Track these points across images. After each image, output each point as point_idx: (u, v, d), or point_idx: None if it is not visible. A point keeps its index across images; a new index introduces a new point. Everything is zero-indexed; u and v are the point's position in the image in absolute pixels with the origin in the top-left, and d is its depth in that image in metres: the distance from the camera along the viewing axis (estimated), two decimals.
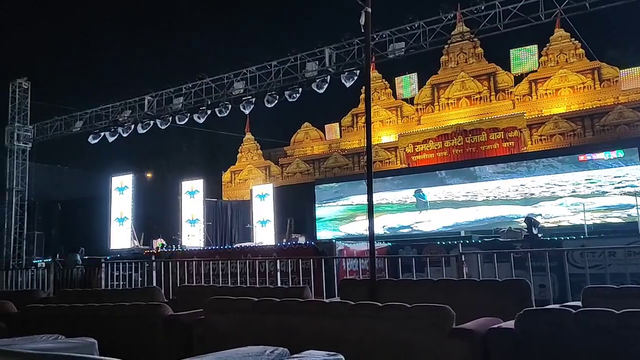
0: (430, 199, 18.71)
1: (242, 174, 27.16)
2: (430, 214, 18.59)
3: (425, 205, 18.82)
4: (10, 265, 18.18)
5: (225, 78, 15.72)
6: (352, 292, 5.21)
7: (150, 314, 4.37)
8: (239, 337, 3.65)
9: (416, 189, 19.29)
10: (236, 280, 9.56)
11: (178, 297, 6.41)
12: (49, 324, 4.57)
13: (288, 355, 2.39)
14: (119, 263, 11.69)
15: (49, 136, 19.70)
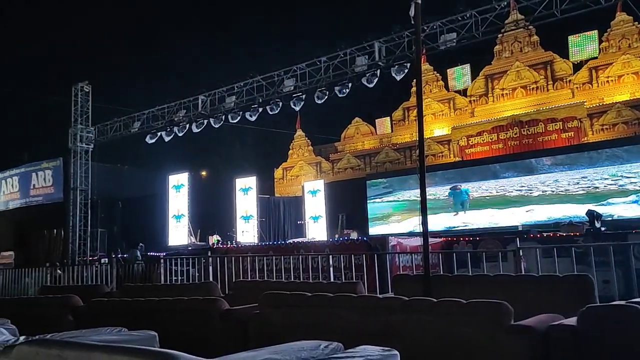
0: (481, 194, 18.18)
1: (294, 170, 27.39)
2: (469, 215, 17.95)
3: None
4: (76, 261, 19.08)
5: (276, 76, 15.86)
6: (405, 287, 5.16)
7: (207, 308, 4.48)
8: (293, 332, 3.69)
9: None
10: (289, 275, 9.64)
11: (233, 292, 6.55)
12: (113, 317, 4.77)
13: (342, 350, 2.39)
14: (177, 259, 12.02)
15: (109, 137, 20.49)
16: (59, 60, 36.95)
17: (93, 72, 26.11)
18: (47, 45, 39.29)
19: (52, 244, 23.18)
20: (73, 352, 2.32)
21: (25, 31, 38.31)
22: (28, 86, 32.01)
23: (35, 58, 37.02)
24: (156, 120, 18.78)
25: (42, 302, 6.36)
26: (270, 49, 31.94)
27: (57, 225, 22.79)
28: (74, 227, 20.75)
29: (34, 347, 2.51)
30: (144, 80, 33.00)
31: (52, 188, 23.40)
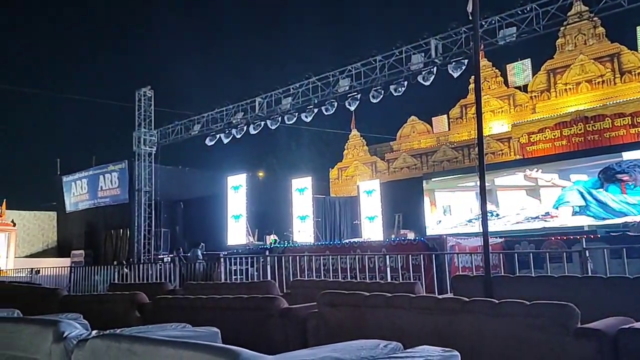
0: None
1: (349, 170, 27.41)
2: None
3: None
4: (141, 260, 19.85)
5: (331, 76, 15.91)
6: (465, 288, 5.07)
7: (267, 307, 4.55)
8: (351, 331, 3.71)
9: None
10: (346, 275, 9.66)
11: (291, 290, 6.62)
12: (177, 313, 4.94)
13: (401, 350, 2.38)
14: (236, 258, 12.28)
15: (171, 140, 21.20)
16: (123, 67, 38.59)
17: (155, 78, 27.12)
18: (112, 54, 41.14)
19: (119, 243, 24.22)
20: (142, 346, 2.42)
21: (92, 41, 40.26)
22: (95, 93, 33.64)
23: (101, 66, 38.84)
24: (215, 122, 19.25)
25: (111, 298, 6.65)
26: (325, 49, 32.17)
27: (123, 226, 23.80)
28: (138, 227, 21.61)
29: (106, 341, 2.64)
30: (203, 84, 34.00)
31: (118, 190, 24.43)
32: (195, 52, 38.78)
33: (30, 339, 3.00)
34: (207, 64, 37.52)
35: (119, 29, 43.83)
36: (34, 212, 28.04)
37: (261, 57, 37.43)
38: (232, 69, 38.15)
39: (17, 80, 34.47)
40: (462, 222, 19.17)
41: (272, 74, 29.50)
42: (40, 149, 33.76)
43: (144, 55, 42.10)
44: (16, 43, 39.24)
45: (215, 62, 39.22)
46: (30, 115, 35.14)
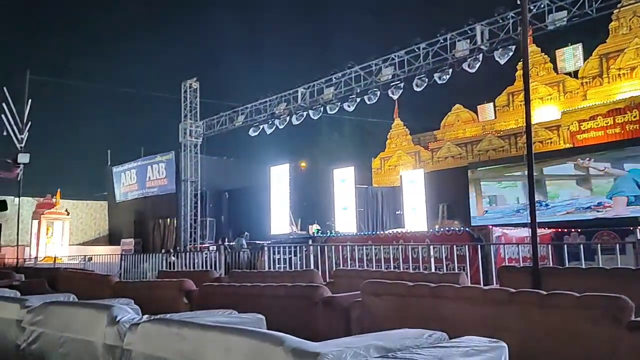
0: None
1: (392, 160, 27.19)
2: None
3: None
4: (188, 248, 20.35)
5: (374, 65, 15.78)
6: (511, 279, 4.98)
7: (310, 295, 4.60)
8: (394, 320, 3.70)
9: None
10: (389, 265, 9.63)
11: (334, 280, 6.66)
12: (222, 300, 5.05)
13: (446, 340, 2.37)
14: (279, 247, 12.42)
15: (216, 131, 21.55)
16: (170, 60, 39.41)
17: (201, 70, 27.57)
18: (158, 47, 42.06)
19: (167, 232, 24.90)
20: (191, 331, 2.50)
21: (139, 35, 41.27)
22: (143, 85, 34.51)
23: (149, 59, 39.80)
24: (259, 113, 19.45)
25: (160, 285, 6.87)
26: (367, 38, 31.91)
27: (171, 215, 24.44)
28: (185, 217, 22.14)
29: (156, 325, 2.74)
30: (247, 76, 34.32)
31: (165, 180, 25.07)
32: (239, 43, 39.20)
33: (86, 322, 3.14)
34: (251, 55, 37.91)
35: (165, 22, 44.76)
36: (86, 202, 29.14)
37: (304, 48, 37.49)
38: (276, 59, 38.39)
39: (71, 74, 35.71)
40: (508, 213, 18.74)
41: (314, 64, 29.52)
42: (91, 140, 34.96)
43: (189, 47, 42.84)
44: (69, 38, 40.64)
45: (259, 53, 39.56)
46: (83, 108, 36.37)
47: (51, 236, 23.97)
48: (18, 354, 3.66)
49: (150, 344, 2.67)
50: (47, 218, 24.04)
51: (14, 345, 3.73)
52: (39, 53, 35.78)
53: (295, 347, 2.03)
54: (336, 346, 2.04)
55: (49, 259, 20.69)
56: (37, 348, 3.49)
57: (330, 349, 1.99)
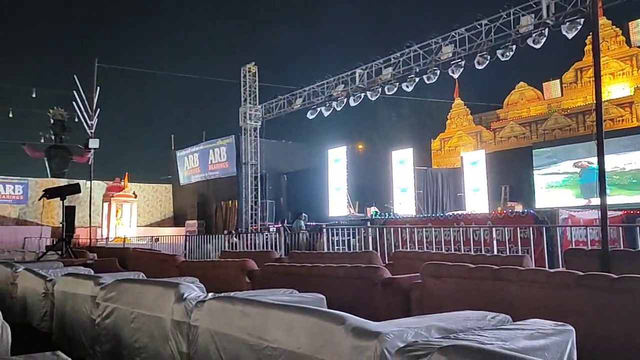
0: None
1: (452, 140, 26.62)
2: None
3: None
4: (249, 229, 20.83)
5: (433, 43, 15.41)
6: (579, 262, 4.80)
7: (370, 276, 4.61)
8: (455, 302, 3.66)
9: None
10: (449, 247, 9.49)
11: (394, 261, 6.64)
12: (283, 279, 5.15)
13: (510, 322, 2.32)
14: (337, 229, 12.49)
15: (274, 114, 21.79)
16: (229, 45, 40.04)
17: (259, 54, 27.90)
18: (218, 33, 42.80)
19: (229, 214, 25.56)
20: (254, 308, 2.57)
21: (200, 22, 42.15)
22: (204, 71, 35.28)
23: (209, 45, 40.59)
24: (316, 96, 19.47)
25: (223, 264, 7.08)
26: (426, 15, 31.16)
27: (232, 197, 25.06)
28: (246, 199, 22.65)
29: (221, 302, 2.83)
30: (305, 58, 34.41)
31: (226, 163, 25.65)
32: (297, 26, 39.29)
33: (155, 299, 3.29)
34: (308, 38, 37.91)
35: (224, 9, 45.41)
36: (152, 185, 30.31)
37: (361, 28, 37.09)
38: (333, 41, 38.23)
39: (136, 62, 36.99)
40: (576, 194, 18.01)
41: (372, 45, 29.18)
42: (156, 126, 36.22)
43: (249, 32, 43.37)
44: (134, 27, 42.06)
45: (316, 36, 39.49)
46: (148, 95, 37.68)
47: (120, 218, 25.13)
48: (94, 327, 3.89)
49: (216, 321, 2.76)
50: (117, 200, 25.19)
51: (89, 319, 3.97)
52: (106, 42, 37.26)
53: (357, 326, 2.06)
54: (397, 326, 2.05)
55: (118, 240, 21.73)
56: (110, 322, 3.69)
57: (391, 328, 2.00)
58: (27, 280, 5.40)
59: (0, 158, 27.92)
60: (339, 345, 2.06)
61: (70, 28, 39.44)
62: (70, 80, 20.79)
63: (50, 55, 37.32)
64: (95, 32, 39.85)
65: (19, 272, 5.72)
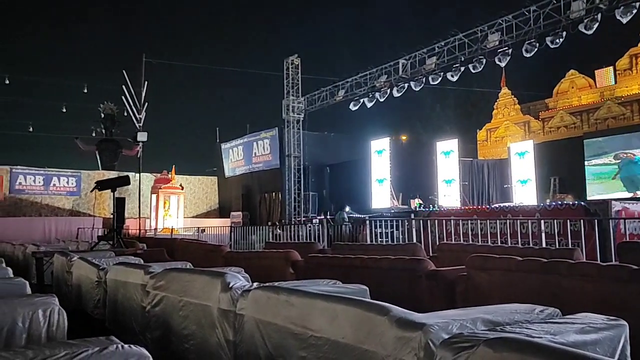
0: None
1: (499, 131, 26.01)
2: None
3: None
4: (292, 221, 21.00)
5: (479, 31, 15.06)
6: (634, 256, 4.61)
7: (414, 268, 4.58)
8: (502, 295, 3.59)
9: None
10: (496, 240, 9.29)
11: (438, 254, 6.57)
12: (326, 271, 5.18)
13: (560, 316, 2.26)
14: (381, 220, 12.43)
15: (317, 106, 21.83)
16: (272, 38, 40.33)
17: (302, 46, 27.97)
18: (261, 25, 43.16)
19: (272, 206, 25.84)
20: (298, 298, 2.60)
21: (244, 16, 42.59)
22: (248, 64, 35.67)
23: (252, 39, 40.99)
24: (359, 87, 19.39)
25: (267, 255, 7.18)
26: (472, 3, 30.46)
27: (276, 189, 25.31)
28: (289, 191, 22.84)
29: (266, 292, 2.87)
30: (347, 50, 34.27)
31: (270, 156, 25.90)
32: (339, 17, 39.17)
33: (202, 288, 3.37)
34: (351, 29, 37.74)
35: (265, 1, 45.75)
36: (198, 177, 30.96)
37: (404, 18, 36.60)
38: (376, 32, 37.92)
39: (182, 56, 37.75)
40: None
41: (415, 34, 28.75)
42: (202, 119, 36.91)
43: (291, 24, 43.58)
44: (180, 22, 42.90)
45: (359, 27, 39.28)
46: (193, 89, 38.41)
47: (168, 209, 25.79)
48: (144, 315, 4.01)
49: (261, 310, 2.81)
50: (164, 192, 25.85)
51: (140, 307, 4.10)
52: (152, 38, 38.15)
53: (401, 317, 2.05)
54: (442, 318, 2.03)
55: (166, 230, 22.32)
56: (160, 310, 3.80)
57: (435, 320, 1.98)
58: (81, 269, 5.62)
59: (54, 151, 29.14)
60: (383, 335, 2.06)
61: (119, 25, 40.61)
62: (120, 76, 21.46)
63: (101, 52, 38.55)
64: (142, 27, 40.87)
65: (73, 261, 5.96)
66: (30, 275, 8.33)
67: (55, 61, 36.57)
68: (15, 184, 25.69)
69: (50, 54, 38.03)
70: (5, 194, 25.34)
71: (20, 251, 10.78)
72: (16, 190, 25.70)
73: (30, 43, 38.58)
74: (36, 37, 39.27)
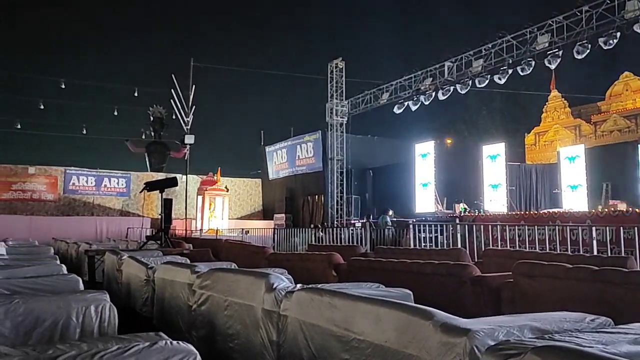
0: None
1: (548, 135, 25.31)
2: None
3: None
4: (335, 224, 21.02)
5: (528, 33, 14.70)
6: None
7: (458, 273, 4.52)
8: (550, 303, 3.50)
9: None
10: (544, 247, 9.03)
11: (483, 259, 6.44)
12: (369, 274, 5.17)
13: (612, 326, 2.19)
14: (424, 225, 12.29)
15: (361, 109, 21.79)
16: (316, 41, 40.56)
17: (346, 49, 28.01)
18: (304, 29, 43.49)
19: (315, 209, 25.93)
20: (341, 300, 2.61)
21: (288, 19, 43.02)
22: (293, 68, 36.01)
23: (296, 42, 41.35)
24: (403, 90, 19.25)
25: (310, 257, 7.22)
26: (520, 4, 29.79)
27: (318, 192, 25.39)
28: (332, 194, 22.88)
29: (310, 293, 2.90)
30: (392, 52, 34.10)
31: (313, 159, 26.02)
32: (384, 20, 39.04)
33: (247, 288, 3.43)
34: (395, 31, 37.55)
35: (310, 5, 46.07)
36: (242, 179, 31.42)
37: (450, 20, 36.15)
38: (420, 34, 37.58)
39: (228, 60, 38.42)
40: None
41: (461, 36, 28.32)
42: (246, 122, 37.44)
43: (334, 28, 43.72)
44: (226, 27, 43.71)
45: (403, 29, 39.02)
46: (238, 92, 39.04)
47: (213, 210, 26.25)
48: (190, 313, 4.11)
49: (304, 311, 2.83)
50: (210, 194, 26.34)
51: (186, 305, 4.20)
52: (200, 42, 39.01)
53: (445, 322, 2.03)
54: (487, 324, 2.00)
55: (211, 231, 22.73)
56: (205, 309, 3.89)
57: (481, 326, 1.95)
58: (131, 267, 5.81)
59: (106, 153, 30.15)
60: (427, 340, 2.05)
61: (168, 31, 41.74)
62: (169, 80, 22.05)
63: (151, 57, 39.72)
64: (190, 33, 41.86)
65: (123, 259, 6.17)
66: (83, 272, 8.67)
67: (108, 67, 37.94)
68: (69, 184, 26.76)
69: (104, 61, 39.50)
70: (60, 194, 26.42)
71: (73, 249, 11.24)
72: (70, 190, 26.76)
73: (84, 50, 40.17)
74: (90, 45, 40.85)
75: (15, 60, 33.21)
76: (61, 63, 32.68)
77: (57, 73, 25.65)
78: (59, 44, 39.36)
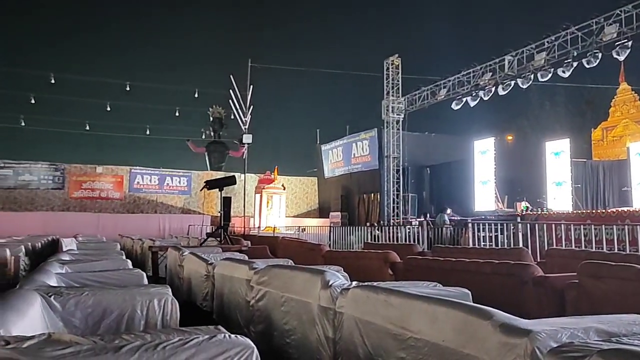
0: None
1: (616, 130, 24.06)
2: None
3: None
4: (391, 222, 20.87)
5: (594, 23, 14.04)
6: None
7: (520, 273, 4.39)
8: (618, 306, 3.34)
9: None
10: (612, 247, 8.63)
11: (546, 259, 6.23)
12: (426, 273, 5.10)
13: None
14: (484, 224, 11.99)
15: (417, 106, 21.51)
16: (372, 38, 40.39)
17: (402, 45, 27.70)
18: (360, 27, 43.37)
19: (371, 207, 25.84)
20: (398, 299, 2.59)
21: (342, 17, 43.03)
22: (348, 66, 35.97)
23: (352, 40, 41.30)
24: (461, 86, 18.86)
25: (366, 255, 7.21)
26: None
27: (374, 190, 25.28)
28: (388, 192, 22.72)
29: (365, 291, 2.89)
30: (449, 48, 33.43)
31: (368, 157, 25.93)
32: (441, 15, 38.34)
33: (303, 284, 3.46)
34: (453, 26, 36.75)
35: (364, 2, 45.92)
36: (299, 178, 31.73)
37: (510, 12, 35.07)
38: (479, 28, 36.65)
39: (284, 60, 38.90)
40: None
41: (522, 29, 27.37)
42: (303, 121, 37.73)
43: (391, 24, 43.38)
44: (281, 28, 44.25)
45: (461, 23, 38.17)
46: (295, 92, 39.38)
47: (271, 208, 26.68)
48: (248, 308, 4.19)
49: (360, 308, 2.83)
50: (267, 192, 26.78)
51: (245, 301, 4.29)
52: (257, 43, 39.66)
53: (505, 322, 1.98)
54: (550, 325, 1.93)
55: (269, 229, 23.10)
56: (263, 305, 3.96)
57: (543, 327, 1.89)
58: (192, 263, 5.99)
59: (168, 153, 31.18)
60: (485, 340, 2.00)
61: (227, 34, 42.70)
62: (228, 81, 22.57)
63: (210, 59, 40.76)
64: (247, 35, 42.64)
65: (185, 255, 6.37)
66: (147, 267, 9.02)
67: (169, 69, 39.22)
68: (133, 183, 27.91)
69: (167, 63, 40.87)
70: (125, 193, 27.59)
71: (138, 245, 11.71)
72: (134, 189, 27.91)
73: (148, 53, 41.69)
74: (154, 47, 42.38)
75: (85, 64, 34.92)
76: (125, 66, 34.06)
77: (123, 76, 26.73)
78: (124, 49, 41.06)
